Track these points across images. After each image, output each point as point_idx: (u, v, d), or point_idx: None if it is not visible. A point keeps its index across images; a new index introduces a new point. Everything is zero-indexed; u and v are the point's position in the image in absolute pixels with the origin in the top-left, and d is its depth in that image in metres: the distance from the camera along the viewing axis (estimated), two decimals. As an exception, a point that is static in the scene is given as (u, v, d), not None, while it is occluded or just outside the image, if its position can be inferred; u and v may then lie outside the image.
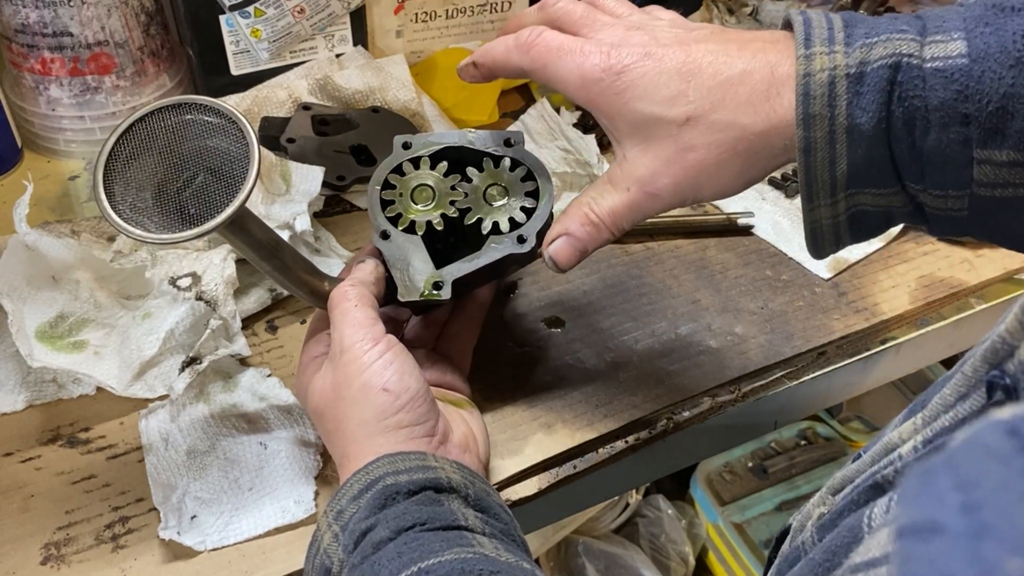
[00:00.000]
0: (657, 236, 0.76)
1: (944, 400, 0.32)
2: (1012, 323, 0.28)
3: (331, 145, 0.80)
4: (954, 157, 0.41)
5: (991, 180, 0.41)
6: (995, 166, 0.40)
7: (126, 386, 0.59)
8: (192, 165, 0.47)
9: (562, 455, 0.59)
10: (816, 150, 0.42)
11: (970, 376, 0.31)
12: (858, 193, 0.44)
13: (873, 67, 0.41)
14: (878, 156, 0.42)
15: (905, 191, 0.43)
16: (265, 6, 0.81)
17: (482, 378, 0.63)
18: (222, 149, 0.47)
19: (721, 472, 1.44)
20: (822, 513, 0.40)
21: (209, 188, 0.47)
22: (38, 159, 0.83)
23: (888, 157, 0.42)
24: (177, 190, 0.47)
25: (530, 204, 0.55)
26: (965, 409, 0.31)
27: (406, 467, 0.46)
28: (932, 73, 0.40)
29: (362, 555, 0.43)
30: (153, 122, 0.47)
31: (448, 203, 0.56)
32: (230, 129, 0.47)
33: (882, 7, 1.01)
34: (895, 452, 0.35)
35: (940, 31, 0.41)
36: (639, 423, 0.61)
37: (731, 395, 0.64)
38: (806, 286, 0.72)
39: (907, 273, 0.74)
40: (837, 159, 0.42)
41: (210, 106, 0.47)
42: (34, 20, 0.74)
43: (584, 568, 1.34)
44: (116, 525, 0.54)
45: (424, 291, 0.54)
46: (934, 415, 0.33)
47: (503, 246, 0.54)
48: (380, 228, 0.55)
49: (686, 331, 0.67)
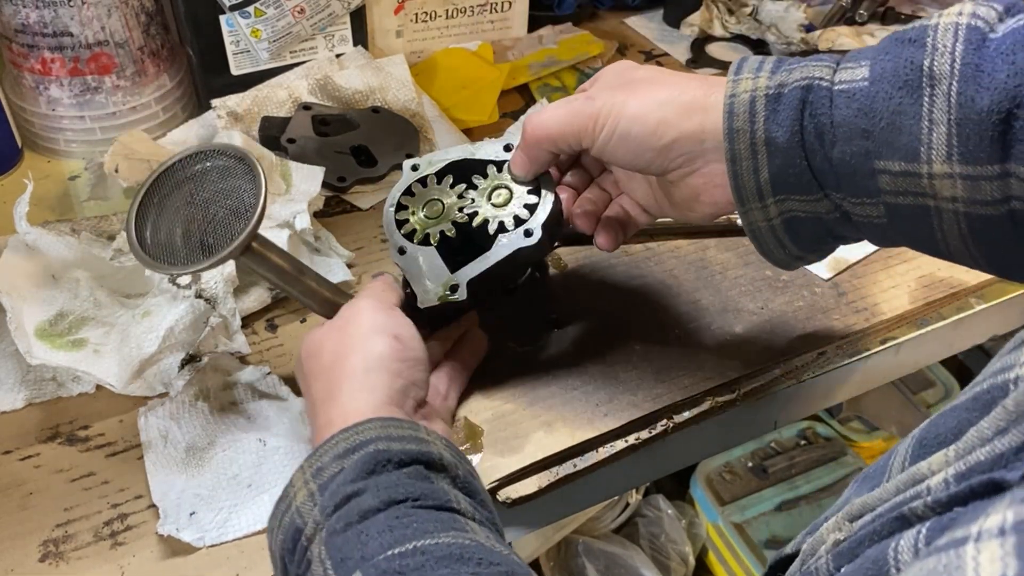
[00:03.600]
0: (657, 236, 0.76)
1: (981, 434, 0.31)
2: None
3: (331, 145, 0.80)
4: (859, 167, 0.46)
5: (892, 188, 0.46)
6: (892, 175, 0.45)
7: (125, 384, 0.59)
8: (213, 205, 0.53)
9: (562, 454, 0.59)
10: (740, 160, 0.49)
11: (1012, 411, 0.30)
12: (786, 199, 0.49)
13: (789, 88, 0.47)
14: (796, 165, 0.48)
15: (828, 199, 0.49)
16: (265, 6, 0.81)
17: (482, 378, 0.63)
18: (236, 187, 0.53)
19: (721, 472, 1.44)
20: (838, 540, 0.38)
21: (228, 223, 0.52)
22: (38, 159, 0.83)
23: (806, 167, 0.48)
24: (200, 228, 0.53)
25: (533, 200, 0.57)
26: (1003, 444, 0.29)
27: (399, 435, 0.45)
28: (838, 94, 0.46)
29: (345, 521, 0.41)
30: (176, 172, 0.54)
31: (457, 211, 0.59)
32: (240, 168, 0.53)
33: (882, 6, 1.01)
34: (923, 484, 0.33)
35: (853, 60, 0.47)
36: (639, 423, 0.61)
37: (731, 395, 0.64)
38: (806, 286, 0.72)
39: (907, 273, 0.74)
40: (759, 168, 0.48)
41: (222, 150, 0.54)
42: (34, 20, 0.74)
43: (584, 568, 1.34)
44: (115, 522, 0.54)
45: (441, 293, 0.56)
46: (968, 448, 0.31)
47: (511, 242, 0.56)
48: (397, 245, 0.58)
49: (686, 331, 0.67)
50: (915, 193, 0.45)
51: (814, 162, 0.47)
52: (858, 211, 0.48)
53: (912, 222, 0.47)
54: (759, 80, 0.48)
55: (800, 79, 0.47)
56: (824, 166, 0.47)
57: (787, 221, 0.50)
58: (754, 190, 0.49)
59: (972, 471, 0.30)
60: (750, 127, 0.48)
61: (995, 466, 0.29)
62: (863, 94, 0.45)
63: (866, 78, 0.46)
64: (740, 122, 0.48)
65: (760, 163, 0.48)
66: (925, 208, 0.46)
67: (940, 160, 0.43)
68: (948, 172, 0.44)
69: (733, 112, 0.48)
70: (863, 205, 0.48)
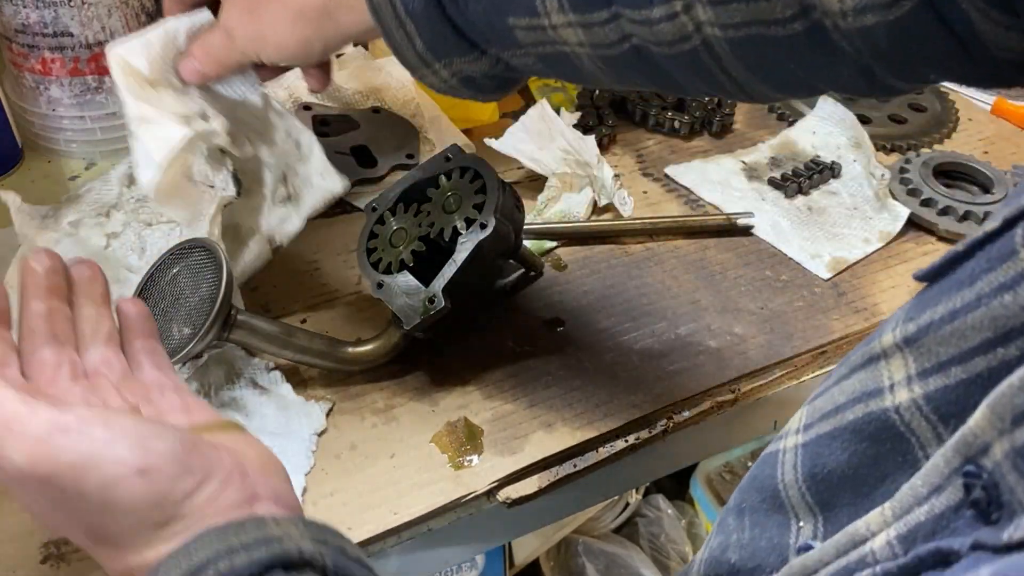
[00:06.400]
0: (657, 236, 0.76)
1: (915, 492, 0.30)
2: (980, 420, 0.27)
3: (331, 146, 0.80)
4: (496, 24, 0.47)
5: (530, 40, 0.47)
6: (523, 30, 0.47)
7: None
8: (186, 300, 0.57)
9: (562, 454, 0.59)
10: (393, 33, 0.49)
11: (942, 468, 0.29)
12: (451, 62, 0.50)
13: None
14: (442, 30, 0.48)
15: (487, 55, 0.50)
16: (265, 6, 0.81)
17: (482, 378, 0.63)
18: (206, 279, 0.56)
19: (721, 472, 1.44)
20: None
21: (205, 307, 0.56)
22: (38, 159, 0.83)
23: (453, 31, 0.48)
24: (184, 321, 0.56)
25: (480, 199, 0.60)
26: (941, 503, 0.29)
27: (241, 543, 0.35)
28: None
29: None
30: (159, 276, 0.58)
31: (417, 227, 0.61)
32: (207, 259, 0.57)
33: None
34: (866, 547, 0.31)
35: None
36: (639, 422, 0.61)
37: (731, 395, 0.64)
38: (805, 286, 0.72)
39: (907, 273, 0.74)
40: (412, 38, 0.49)
41: (195, 244, 0.57)
42: (34, 20, 0.74)
43: (584, 568, 1.34)
44: (116, 524, 0.54)
45: (422, 310, 0.58)
46: (905, 508, 0.30)
47: (469, 240, 0.59)
48: (374, 282, 0.61)
49: (686, 331, 0.68)
50: (549, 43, 0.47)
51: (459, 24, 0.48)
52: (516, 62, 0.49)
53: (563, 66, 0.49)
54: None
55: None
56: (469, 26, 0.48)
57: (462, 80, 0.51)
58: (416, 59, 0.50)
59: (914, 534, 0.29)
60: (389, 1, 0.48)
61: (937, 528, 0.28)
62: None
63: None
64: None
65: (411, 33, 0.49)
66: (564, 54, 0.47)
67: (555, 11, 0.45)
68: (566, 22, 0.45)
69: None
70: (517, 57, 0.49)
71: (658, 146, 0.88)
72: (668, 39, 0.44)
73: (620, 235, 0.76)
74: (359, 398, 0.61)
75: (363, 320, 0.67)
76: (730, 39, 0.43)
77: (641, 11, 0.43)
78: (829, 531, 0.36)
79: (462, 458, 0.58)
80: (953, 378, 0.31)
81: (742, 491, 0.43)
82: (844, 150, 0.87)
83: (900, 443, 0.34)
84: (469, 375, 0.63)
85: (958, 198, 0.80)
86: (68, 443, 0.34)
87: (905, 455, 0.34)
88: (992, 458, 0.26)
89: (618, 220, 0.77)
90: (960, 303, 0.31)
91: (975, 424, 0.27)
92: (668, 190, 0.82)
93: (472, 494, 0.56)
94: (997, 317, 0.29)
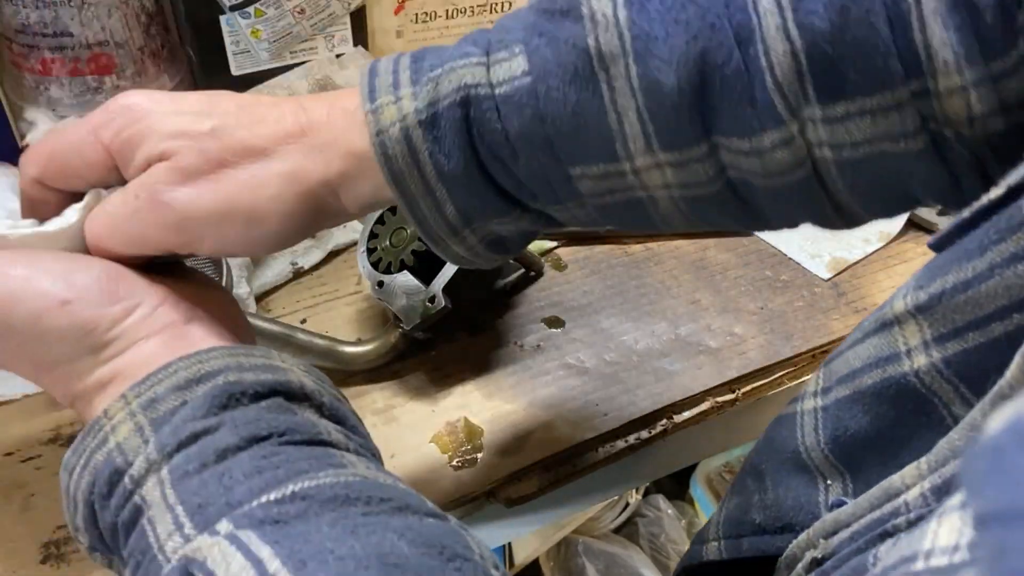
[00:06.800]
0: (657, 236, 0.76)
1: (952, 445, 0.31)
2: (1016, 371, 0.27)
3: (331, 145, 0.80)
4: (553, 177, 0.39)
5: (596, 190, 0.40)
6: (592, 179, 0.39)
7: None
8: None
9: (562, 454, 0.59)
10: (417, 201, 0.40)
11: (980, 421, 0.30)
12: (483, 225, 0.42)
13: (444, 106, 0.38)
14: (483, 192, 0.40)
15: (529, 211, 0.42)
16: (265, 6, 0.81)
17: (482, 378, 0.63)
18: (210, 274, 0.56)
19: (721, 472, 1.44)
20: (816, 558, 0.37)
21: None
22: (38, 159, 0.83)
23: (494, 190, 0.40)
24: None
25: None
26: None
27: (250, 364, 0.37)
28: (503, 100, 0.38)
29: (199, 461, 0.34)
30: None
31: None
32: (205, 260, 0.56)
33: None
34: (900, 499, 0.33)
35: (503, 46, 0.38)
36: (639, 423, 0.61)
37: (731, 395, 0.64)
38: (805, 286, 0.72)
39: (907, 273, 0.74)
40: (442, 204, 0.40)
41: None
42: (34, 20, 0.74)
43: (584, 568, 1.34)
44: (116, 524, 0.54)
45: (422, 310, 0.59)
46: (941, 460, 0.31)
47: None
48: (374, 282, 0.60)
49: (686, 331, 0.68)
50: (623, 190, 0.40)
51: (502, 183, 0.40)
52: (564, 215, 0.42)
53: (626, 214, 0.42)
54: (402, 104, 0.39)
55: (452, 92, 0.38)
56: (514, 184, 0.40)
57: (490, 244, 0.43)
58: (445, 228, 0.41)
59: (948, 484, 0.30)
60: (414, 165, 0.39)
61: None
62: (530, 95, 0.38)
63: (526, 72, 0.38)
64: (401, 163, 0.39)
65: (441, 200, 0.40)
66: (638, 200, 0.40)
67: (640, 153, 0.38)
68: (654, 163, 0.38)
69: (388, 153, 0.39)
70: (567, 210, 0.41)
71: (658, 146, 0.88)
72: (780, 169, 0.37)
73: (620, 235, 0.76)
74: (359, 398, 0.61)
75: (363, 320, 0.67)
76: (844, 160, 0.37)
77: (750, 140, 0.37)
78: (859, 489, 0.37)
79: (462, 458, 0.58)
80: (972, 342, 0.32)
81: (759, 454, 0.44)
82: (844, 150, 0.87)
83: (923, 405, 0.35)
84: (469, 375, 0.63)
85: (958, 198, 0.80)
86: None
87: (930, 415, 0.35)
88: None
89: (618, 220, 0.77)
90: (972, 273, 0.31)
91: (1011, 376, 0.28)
92: (668, 190, 0.82)
93: (472, 494, 0.56)
94: (1011, 286, 0.30)
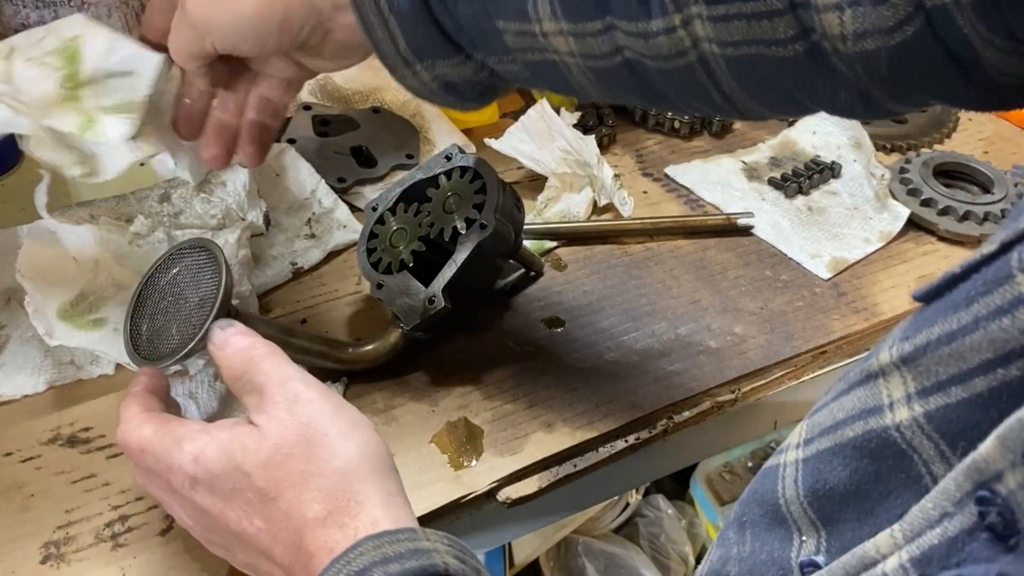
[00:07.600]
0: (657, 236, 0.76)
1: (926, 514, 0.30)
2: (991, 450, 0.27)
3: (331, 146, 0.80)
4: (485, 27, 0.46)
5: (518, 46, 0.45)
6: (513, 35, 0.45)
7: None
8: (186, 301, 0.55)
9: (562, 454, 0.59)
10: (374, 29, 0.47)
11: (954, 491, 0.29)
12: (433, 64, 0.48)
13: None
14: (428, 31, 0.47)
15: (472, 59, 0.48)
16: (265, 6, 0.81)
17: (482, 378, 0.63)
18: (205, 279, 0.55)
19: (721, 472, 1.44)
20: None
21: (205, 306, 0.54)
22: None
23: (439, 31, 0.47)
24: (181, 323, 0.54)
25: (480, 199, 0.60)
26: (955, 527, 0.29)
27: (395, 553, 0.39)
28: None
29: None
30: (159, 276, 0.56)
31: (418, 227, 0.61)
32: (206, 260, 0.55)
33: None
34: (877, 569, 0.32)
35: None
36: (639, 423, 0.61)
37: (731, 395, 0.64)
38: (806, 286, 0.72)
39: (907, 273, 0.74)
40: (395, 37, 0.47)
41: (193, 244, 0.55)
42: (34, 20, 0.74)
43: (584, 568, 1.34)
44: (116, 524, 0.54)
45: (422, 310, 0.59)
46: (916, 531, 0.30)
47: (469, 240, 0.59)
48: (374, 282, 0.61)
49: (686, 331, 0.68)
50: (539, 50, 0.45)
51: (446, 25, 0.46)
52: (501, 68, 0.48)
53: (550, 76, 0.47)
54: None
55: None
56: (455, 28, 0.46)
57: (443, 85, 0.50)
58: (398, 59, 0.48)
59: (929, 557, 0.30)
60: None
61: (952, 551, 0.28)
62: None
63: None
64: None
65: (394, 32, 0.47)
66: (553, 63, 0.46)
67: (547, 18, 0.44)
68: (558, 29, 0.44)
69: None
70: (503, 63, 0.47)
71: (658, 146, 0.88)
72: (664, 53, 0.43)
73: (620, 235, 0.76)
74: (359, 398, 0.61)
75: (363, 320, 0.67)
76: (728, 57, 0.41)
77: (637, 23, 0.42)
78: (833, 546, 0.37)
79: (462, 458, 0.58)
80: (954, 397, 0.31)
81: (743, 504, 0.43)
82: (844, 150, 0.87)
83: (902, 460, 0.34)
84: (469, 375, 0.63)
85: (958, 198, 0.80)
86: None
87: (908, 472, 0.34)
88: (1006, 486, 0.27)
89: (618, 220, 0.77)
90: (957, 325, 0.31)
91: (986, 452, 0.27)
92: (668, 190, 0.82)
93: (472, 494, 0.56)
94: (996, 340, 0.29)
